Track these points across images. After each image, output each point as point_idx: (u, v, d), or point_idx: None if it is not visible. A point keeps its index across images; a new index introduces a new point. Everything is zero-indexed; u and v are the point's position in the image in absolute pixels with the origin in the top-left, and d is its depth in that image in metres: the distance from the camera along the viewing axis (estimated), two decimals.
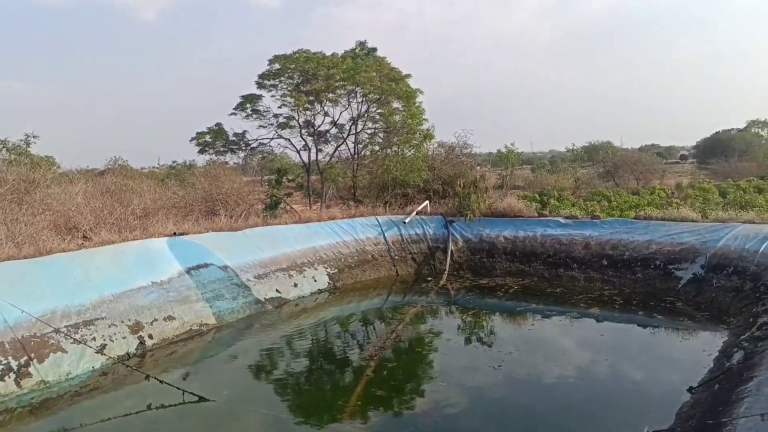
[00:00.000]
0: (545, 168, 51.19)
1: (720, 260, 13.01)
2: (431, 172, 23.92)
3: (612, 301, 13.49)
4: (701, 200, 24.82)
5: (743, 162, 48.78)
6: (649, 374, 9.42)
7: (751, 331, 8.67)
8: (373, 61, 23.90)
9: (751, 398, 5.88)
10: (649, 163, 45.15)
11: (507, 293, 14.59)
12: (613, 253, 15.26)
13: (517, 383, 9.06)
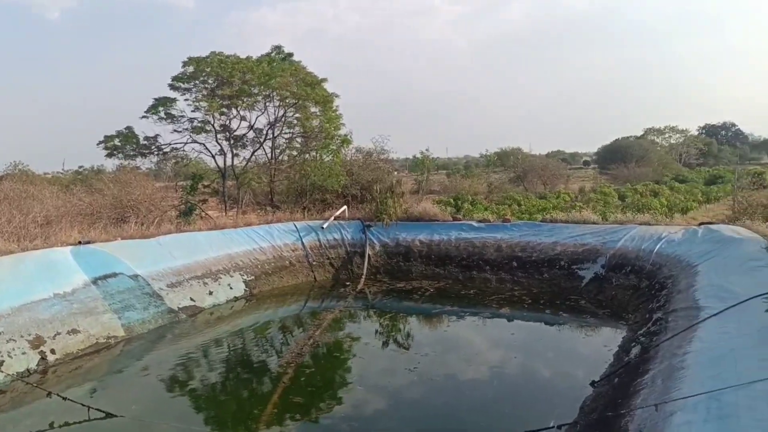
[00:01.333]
0: (460, 173, 52.59)
1: (619, 260, 13.85)
2: (349, 178, 23.93)
3: (521, 300, 14.01)
4: (602, 203, 26.30)
5: (640, 167, 52.34)
6: (555, 370, 9.85)
7: (647, 327, 9.24)
8: (289, 65, 23.64)
9: (647, 390, 6.25)
10: (555, 168, 47.50)
11: (423, 296, 14.82)
12: (522, 254, 15.86)
13: (433, 384, 9.19)
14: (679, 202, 28.16)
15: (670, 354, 6.87)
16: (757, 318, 6.57)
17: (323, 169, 22.80)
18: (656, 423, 5.11)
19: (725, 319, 7.13)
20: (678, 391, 5.45)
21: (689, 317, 8.02)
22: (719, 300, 8.00)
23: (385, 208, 18.18)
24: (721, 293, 8.42)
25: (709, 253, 11.35)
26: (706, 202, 31.23)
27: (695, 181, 46.98)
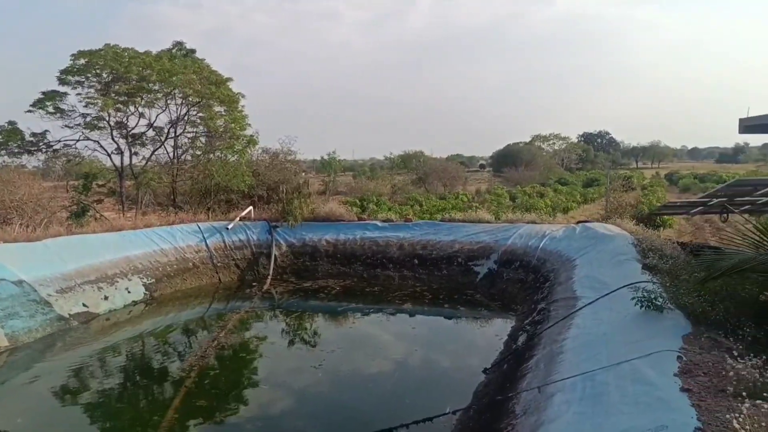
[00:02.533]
0: (366, 175, 53.06)
1: (509, 256, 14.64)
2: (256, 178, 23.42)
3: (422, 296, 14.41)
4: (496, 204, 27.55)
5: (529, 170, 55.31)
6: (452, 360, 10.25)
7: (533, 316, 9.84)
8: (192, 63, 22.73)
9: (531, 374, 6.67)
10: (454, 171, 49.07)
11: (329, 294, 14.85)
12: (423, 252, 16.32)
13: (339, 380, 9.28)
14: (561, 202, 30.15)
15: (551, 340, 7.37)
16: (625, 305, 7.20)
17: (228, 170, 22.13)
18: (539, 403, 5.48)
19: (598, 307, 7.76)
20: (558, 374, 5.87)
21: (568, 306, 8.64)
22: (593, 290, 8.69)
23: (291, 209, 18.02)
24: (595, 284, 9.15)
25: (586, 249, 12.28)
26: (584, 202, 33.56)
27: (575, 183, 50.23)
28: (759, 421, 3.61)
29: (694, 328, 6.17)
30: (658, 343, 5.56)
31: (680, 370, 4.87)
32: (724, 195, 14.85)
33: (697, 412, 4.01)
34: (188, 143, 23.80)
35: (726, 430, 3.66)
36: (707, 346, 5.55)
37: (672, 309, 6.75)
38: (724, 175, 50.29)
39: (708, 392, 4.37)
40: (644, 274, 8.68)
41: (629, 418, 4.24)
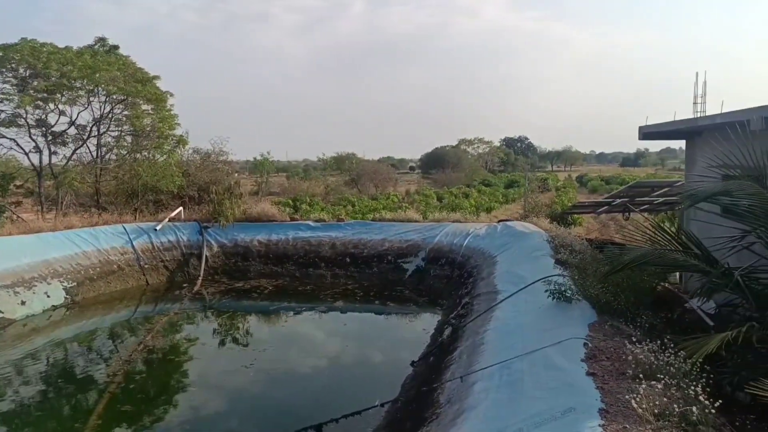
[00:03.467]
0: (299, 176, 52.52)
1: (436, 253, 14.98)
2: (186, 179, 22.60)
3: (354, 294, 14.46)
4: (424, 204, 27.99)
5: (455, 172, 56.51)
6: (382, 355, 10.36)
7: (457, 310, 10.10)
8: (116, 59, 21.62)
9: (455, 365, 6.85)
10: (385, 172, 49.41)
11: (262, 294, 14.62)
12: (355, 251, 16.37)
13: (271, 378, 9.16)
14: (485, 202, 31.02)
15: (473, 332, 7.60)
16: (539, 298, 7.54)
17: (156, 170, 21.22)
18: (461, 392, 5.64)
19: (516, 300, 8.07)
20: (479, 364, 6.06)
21: (490, 300, 8.94)
22: (512, 284, 9.02)
23: (222, 209, 17.56)
24: (513, 279, 9.51)
25: (506, 245, 12.75)
26: (505, 202, 34.66)
27: (497, 185, 51.82)
28: (653, 399, 3.89)
29: (599, 316, 6.54)
30: (567, 332, 5.86)
31: (586, 356, 5.16)
32: (626, 195, 15.81)
33: (600, 394, 4.26)
34: (113, 142, 22.65)
35: (625, 409, 3.92)
36: (610, 333, 5.91)
37: (580, 300, 7.13)
38: (627, 177, 53.40)
39: (610, 375, 4.66)
40: (556, 269, 9.12)
41: (541, 403, 4.45)
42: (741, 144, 6.21)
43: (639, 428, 3.59)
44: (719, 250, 6.42)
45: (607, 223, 24.45)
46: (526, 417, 4.28)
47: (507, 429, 4.15)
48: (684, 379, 4.30)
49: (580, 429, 3.67)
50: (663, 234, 6.88)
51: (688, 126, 10.54)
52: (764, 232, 5.97)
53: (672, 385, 4.22)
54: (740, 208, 6.18)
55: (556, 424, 3.92)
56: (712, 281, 6.17)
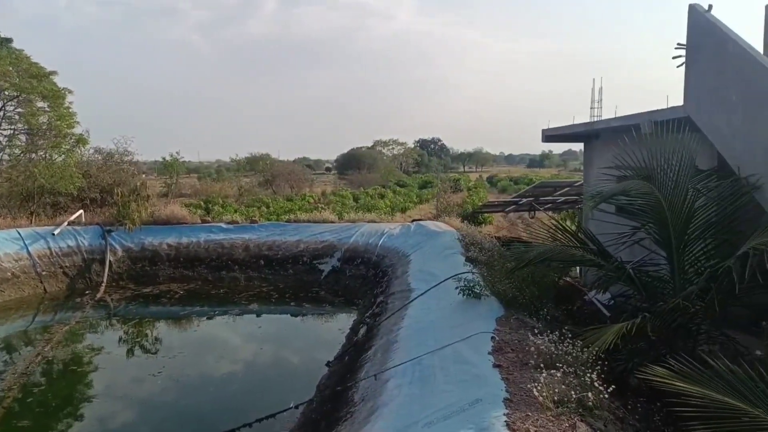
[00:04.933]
0: (211, 177, 50.73)
1: (351, 254, 15.02)
2: (87, 180, 21.18)
3: (269, 296, 14.19)
4: (340, 205, 27.95)
5: (371, 173, 56.88)
6: (298, 356, 10.25)
7: (372, 310, 10.19)
8: (8, 53, 19.92)
9: (370, 363, 6.91)
10: (301, 173, 48.86)
11: (172, 299, 14.01)
12: (269, 253, 16.07)
13: (183, 385, 8.80)
14: (400, 203, 31.47)
15: (388, 331, 7.70)
16: (450, 295, 7.76)
17: (54, 171, 19.73)
18: (375, 390, 5.70)
19: (428, 298, 8.27)
20: (392, 361, 6.15)
21: (404, 298, 9.09)
22: (425, 282, 9.23)
23: (128, 212, 16.61)
24: (426, 276, 9.73)
25: (419, 244, 13.03)
26: (419, 202, 35.28)
27: (412, 185, 52.60)
28: (553, 387, 4.12)
29: (506, 311, 6.84)
30: (476, 327, 6.07)
31: (493, 349, 5.37)
32: (532, 195, 16.66)
33: (505, 384, 4.45)
34: (5, 142, 20.82)
35: (528, 397, 4.12)
36: (516, 326, 6.19)
37: (488, 295, 7.41)
38: (534, 177, 56.03)
39: (515, 366, 4.89)
40: (466, 266, 9.43)
41: (451, 396, 4.58)
42: (633, 146, 6.71)
43: (540, 415, 3.79)
44: (614, 246, 6.90)
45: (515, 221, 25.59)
46: (437, 410, 4.39)
47: (418, 423, 4.23)
48: (581, 367, 4.59)
49: (485, 419, 3.82)
50: (563, 231, 7.31)
51: (585, 129, 11.26)
52: (653, 228, 6.49)
53: (570, 373, 4.49)
54: (633, 206, 6.68)
55: (464, 415, 4.05)
56: (607, 274, 6.63)
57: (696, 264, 6.32)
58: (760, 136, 6.00)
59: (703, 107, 7.06)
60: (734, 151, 6.46)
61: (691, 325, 5.92)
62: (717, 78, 6.75)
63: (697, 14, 7.09)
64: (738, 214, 6.30)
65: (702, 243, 6.34)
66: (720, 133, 6.71)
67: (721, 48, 6.60)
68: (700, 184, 6.50)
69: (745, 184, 6.13)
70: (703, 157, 7.17)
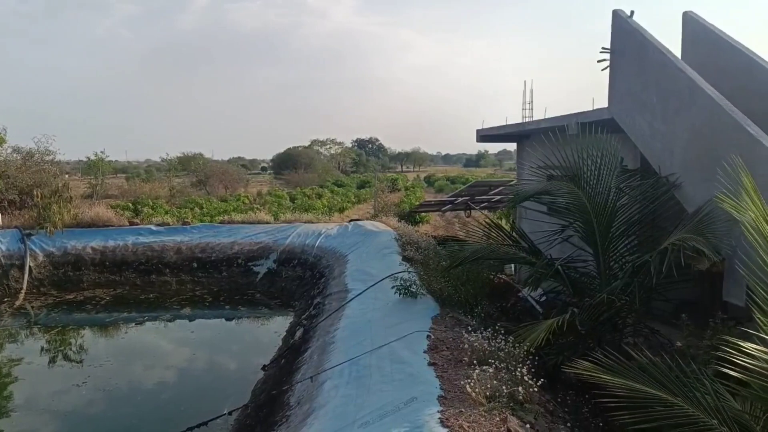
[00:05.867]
0: (141, 177, 48.67)
1: (288, 255, 14.79)
2: (4, 181, 19.83)
3: (203, 299, 13.76)
4: (276, 205, 27.50)
5: (308, 173, 56.32)
6: (233, 361, 9.98)
7: (309, 311, 10.06)
8: None
9: (306, 365, 6.80)
10: (235, 173, 47.70)
11: (97, 305, 13.31)
12: (202, 255, 15.58)
13: (110, 396, 8.36)
14: (338, 203, 31.33)
15: (325, 332, 7.61)
16: (387, 294, 7.77)
17: None
18: (312, 392, 5.61)
19: (365, 298, 8.24)
20: (329, 363, 6.07)
21: (341, 299, 9.02)
22: (362, 282, 9.20)
23: (49, 215, 15.65)
24: (363, 276, 9.70)
25: (357, 244, 12.99)
26: (357, 202, 35.26)
27: (350, 185, 52.56)
28: (485, 383, 4.18)
29: (442, 309, 6.91)
30: (412, 326, 6.10)
31: (429, 347, 5.41)
32: (467, 194, 16.98)
33: (440, 382, 4.48)
34: None
35: (461, 394, 4.16)
36: (451, 324, 6.26)
37: (425, 294, 7.47)
38: (470, 177, 57.16)
39: (449, 364, 4.93)
40: (403, 265, 9.47)
41: (387, 395, 4.56)
42: (561, 147, 6.94)
43: (473, 411, 3.83)
44: (545, 243, 7.12)
45: (452, 220, 26.05)
46: (373, 410, 4.36)
47: (354, 424, 4.19)
48: (512, 362, 4.69)
49: (420, 417, 3.82)
50: (497, 230, 7.48)
51: (517, 130, 11.60)
52: (580, 226, 6.74)
53: (502, 368, 4.57)
54: (560, 205, 6.92)
55: (399, 414, 4.04)
56: (538, 271, 6.83)
57: (620, 260, 6.62)
58: (678, 137, 6.36)
59: (626, 109, 7.40)
60: (655, 151, 6.81)
61: (617, 319, 6.19)
62: (638, 81, 7.09)
63: (619, 19, 7.43)
64: (659, 212, 6.65)
65: (626, 240, 6.66)
66: (642, 134, 7.06)
67: (642, 52, 6.94)
68: (624, 183, 6.82)
69: (665, 183, 6.48)
70: (627, 158, 7.53)
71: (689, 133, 6.16)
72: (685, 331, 5.26)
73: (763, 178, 4.83)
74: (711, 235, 5.38)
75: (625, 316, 6.16)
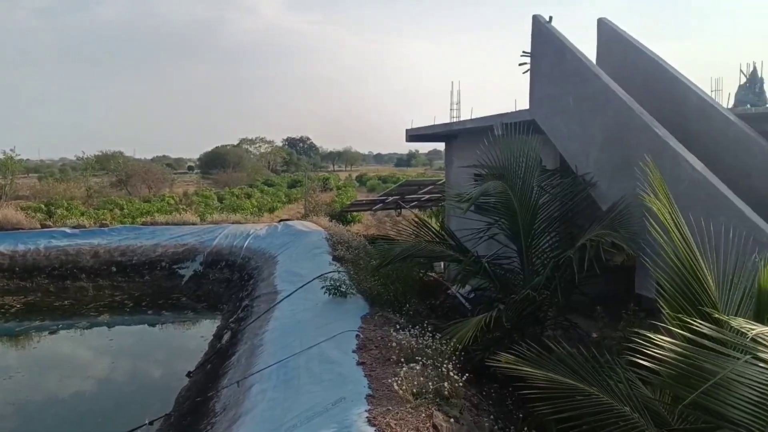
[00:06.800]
0: (54, 177, 45.77)
1: (215, 257, 14.38)
2: None
3: (123, 305, 13.14)
4: (203, 205, 26.69)
5: (237, 172, 54.99)
6: (157, 368, 9.58)
7: (237, 314, 9.82)
8: None
9: (233, 370, 6.63)
10: (160, 173, 45.85)
11: (6, 314, 12.43)
12: (122, 259, 14.88)
13: (23, 409, 7.84)
14: (268, 202, 30.79)
15: (253, 335, 7.45)
16: (317, 295, 7.72)
17: None
18: (239, 397, 5.48)
19: (295, 299, 8.14)
20: (256, 366, 5.95)
21: (270, 301, 8.87)
22: (292, 283, 9.09)
23: None
24: (292, 277, 9.58)
25: (287, 245, 12.82)
26: (288, 202, 34.77)
27: (281, 185, 51.75)
28: (412, 380, 4.23)
29: (372, 308, 6.94)
30: (342, 325, 6.08)
31: (358, 347, 5.41)
32: (398, 193, 17.16)
33: (368, 381, 4.50)
34: None
35: (389, 392, 4.19)
36: (380, 323, 6.30)
37: (354, 294, 7.47)
38: (401, 176, 57.67)
39: (378, 363, 4.96)
40: (333, 265, 9.42)
41: (315, 396, 4.53)
42: (487, 147, 7.12)
43: (400, 408, 3.87)
44: (473, 241, 7.28)
45: (383, 219, 26.25)
46: (301, 412, 4.32)
47: (281, 427, 4.13)
48: (439, 359, 4.77)
49: (348, 416, 3.82)
50: (425, 228, 7.59)
51: (444, 130, 11.82)
52: (505, 223, 6.95)
53: (429, 365, 4.64)
54: (488, 204, 7.11)
55: (327, 415, 4.02)
56: (465, 269, 6.98)
57: (542, 256, 6.89)
58: (593, 138, 6.69)
59: (546, 111, 7.71)
60: (572, 151, 7.14)
61: (539, 313, 6.44)
62: (557, 84, 7.41)
63: (539, 24, 7.73)
64: (577, 210, 6.98)
65: (547, 236, 6.93)
66: (560, 135, 7.38)
67: (560, 56, 7.25)
68: (545, 182, 7.10)
69: (582, 182, 6.81)
70: (548, 158, 7.85)
71: (603, 134, 6.50)
72: (601, 323, 5.54)
73: (670, 175, 5.17)
74: (624, 231, 5.69)
75: (547, 309, 6.42)
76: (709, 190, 5.11)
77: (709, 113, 6.72)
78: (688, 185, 5.30)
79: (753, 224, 4.63)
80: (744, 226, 4.56)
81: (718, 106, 6.90)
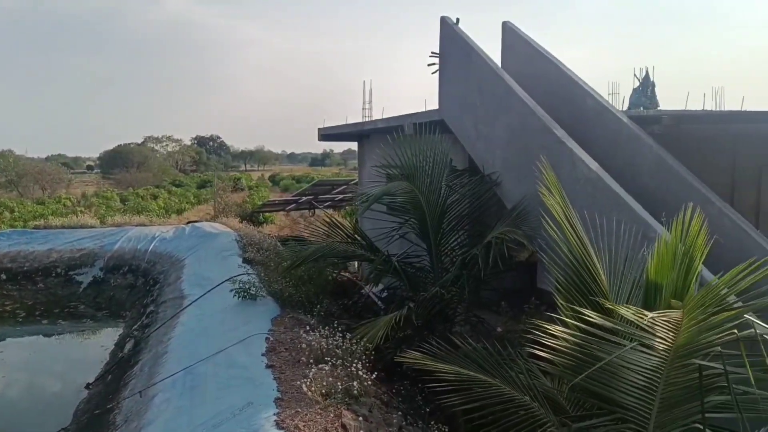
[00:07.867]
0: None
1: (117, 261, 13.56)
2: None
3: (14, 315, 12.13)
4: (105, 207, 25.19)
5: (142, 172, 52.31)
6: (53, 381, 8.93)
7: (141, 321, 9.34)
8: None
9: (136, 380, 6.30)
10: (55, 173, 42.84)
11: None
12: (12, 265, 13.71)
13: None
14: (175, 204, 29.52)
15: (157, 342, 7.12)
16: (226, 298, 7.49)
17: None
18: (141, 408, 5.22)
19: (204, 303, 7.86)
20: (160, 375, 5.69)
21: (176, 306, 8.51)
22: (200, 287, 8.76)
23: None
24: (201, 281, 9.25)
25: (195, 247, 12.35)
26: (198, 203, 33.50)
27: (189, 185, 49.80)
28: (321, 381, 4.22)
29: (282, 310, 6.83)
30: (251, 329, 5.95)
31: (267, 350, 5.31)
32: (311, 193, 17.04)
33: (277, 384, 4.43)
34: None
35: (298, 394, 4.15)
36: (291, 324, 6.22)
37: (265, 296, 7.32)
38: (316, 176, 57.23)
39: (287, 365, 4.89)
40: (242, 267, 9.19)
41: (222, 402, 4.40)
42: (398, 146, 7.21)
43: (309, 409, 3.84)
44: (385, 240, 7.35)
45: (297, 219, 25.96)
46: (208, 419, 4.18)
47: None
48: (349, 359, 4.78)
49: (256, 421, 3.75)
50: (337, 228, 7.57)
51: (356, 129, 11.86)
52: (415, 223, 7.08)
53: (338, 365, 4.64)
54: (398, 203, 7.20)
55: (235, 421, 3.92)
56: (377, 268, 7.04)
57: (451, 254, 7.08)
58: (498, 138, 6.97)
59: (453, 111, 7.94)
60: (479, 151, 7.40)
61: (448, 310, 6.61)
62: (464, 85, 7.65)
63: (447, 26, 7.95)
64: (485, 208, 7.24)
65: (456, 235, 7.14)
66: (468, 135, 7.62)
67: (466, 58, 7.49)
68: (454, 181, 7.30)
69: (488, 181, 7.07)
70: (457, 157, 8.08)
71: (507, 135, 6.79)
72: (505, 318, 5.78)
73: (568, 175, 5.50)
74: (526, 228, 5.98)
75: (456, 306, 6.61)
76: (604, 189, 5.46)
77: (605, 116, 7.18)
78: (585, 184, 5.65)
79: (643, 220, 4.99)
80: (635, 222, 4.91)
81: (613, 109, 7.39)
